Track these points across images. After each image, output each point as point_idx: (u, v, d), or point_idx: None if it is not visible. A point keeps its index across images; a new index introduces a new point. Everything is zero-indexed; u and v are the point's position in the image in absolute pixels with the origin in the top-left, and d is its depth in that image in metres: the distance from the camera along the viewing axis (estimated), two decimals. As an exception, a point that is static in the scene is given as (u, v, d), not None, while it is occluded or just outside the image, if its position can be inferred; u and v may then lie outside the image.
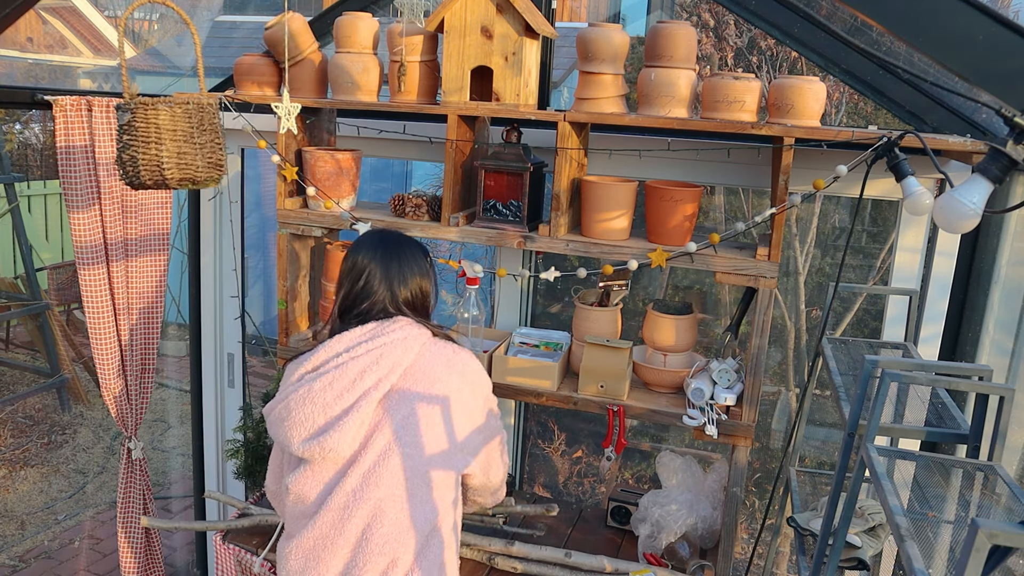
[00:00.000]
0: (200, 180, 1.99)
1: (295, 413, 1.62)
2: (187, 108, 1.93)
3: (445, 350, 1.71)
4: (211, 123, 1.99)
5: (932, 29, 1.45)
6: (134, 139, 1.90)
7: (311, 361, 1.66)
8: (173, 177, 1.94)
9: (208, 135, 1.98)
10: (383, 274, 1.73)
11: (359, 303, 1.72)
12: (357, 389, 1.59)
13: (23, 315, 5.59)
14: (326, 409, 1.59)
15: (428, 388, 1.63)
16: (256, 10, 6.13)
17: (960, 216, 1.53)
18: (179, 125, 1.92)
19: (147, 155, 1.90)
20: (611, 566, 2.12)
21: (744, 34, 4.33)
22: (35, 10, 5.82)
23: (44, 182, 7.24)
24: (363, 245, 1.78)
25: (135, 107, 1.88)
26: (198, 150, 1.96)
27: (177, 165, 1.93)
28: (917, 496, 1.34)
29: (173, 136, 1.91)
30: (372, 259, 1.74)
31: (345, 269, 1.77)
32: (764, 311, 1.96)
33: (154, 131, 1.89)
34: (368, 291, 1.72)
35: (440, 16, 2.04)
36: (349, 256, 1.77)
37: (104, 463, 4.95)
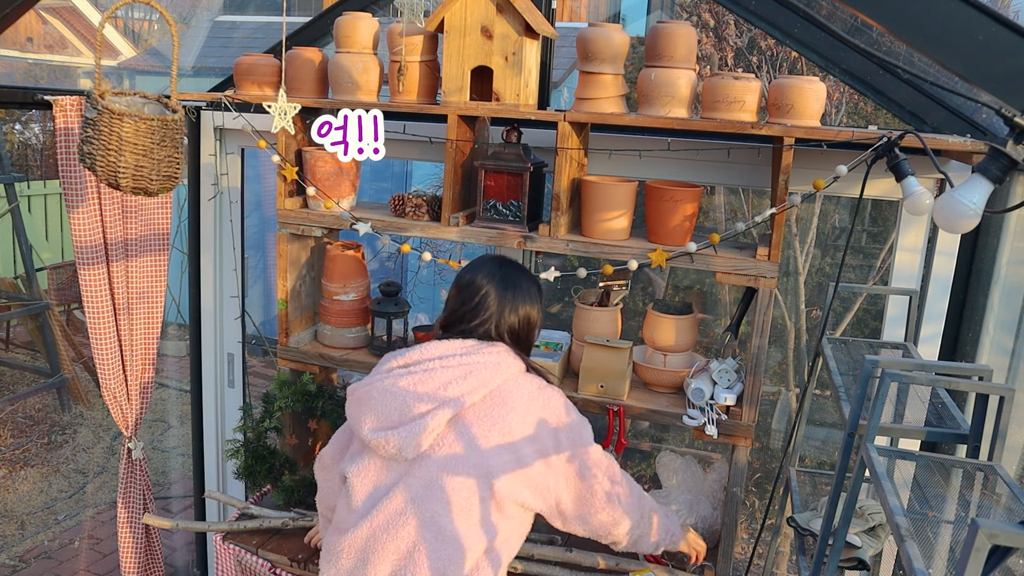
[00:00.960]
0: (153, 191, 2.05)
1: (375, 401, 1.64)
2: (151, 125, 1.97)
3: (532, 383, 1.70)
4: (172, 139, 2.04)
5: (932, 29, 1.45)
6: (96, 140, 1.95)
7: (406, 357, 1.69)
8: (127, 186, 1.99)
9: (168, 150, 2.03)
10: (498, 298, 1.76)
11: (467, 319, 1.75)
12: (438, 397, 1.60)
13: (23, 315, 5.59)
14: (404, 407, 1.61)
15: (504, 415, 1.62)
16: (256, 10, 6.13)
17: (960, 216, 1.53)
18: (141, 140, 1.97)
19: (105, 160, 1.95)
20: (611, 564, 2.11)
21: (744, 34, 4.33)
22: (35, 10, 5.83)
23: (44, 182, 7.24)
24: (484, 267, 1.81)
25: (102, 110, 1.92)
26: (155, 164, 2.01)
27: (132, 176, 1.99)
28: (917, 496, 1.34)
29: (133, 149, 1.96)
30: (491, 282, 1.78)
31: (462, 284, 1.80)
32: (764, 311, 1.96)
33: (116, 141, 1.94)
34: (478, 310, 1.75)
35: (440, 16, 2.04)
36: (468, 273, 1.81)
37: (104, 463, 4.95)
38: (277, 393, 2.38)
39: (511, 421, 1.62)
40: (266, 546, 2.22)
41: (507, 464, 1.60)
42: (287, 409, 2.35)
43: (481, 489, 1.59)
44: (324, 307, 2.46)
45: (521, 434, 1.62)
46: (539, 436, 1.65)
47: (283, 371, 2.44)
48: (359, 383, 1.73)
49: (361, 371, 2.43)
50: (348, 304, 2.42)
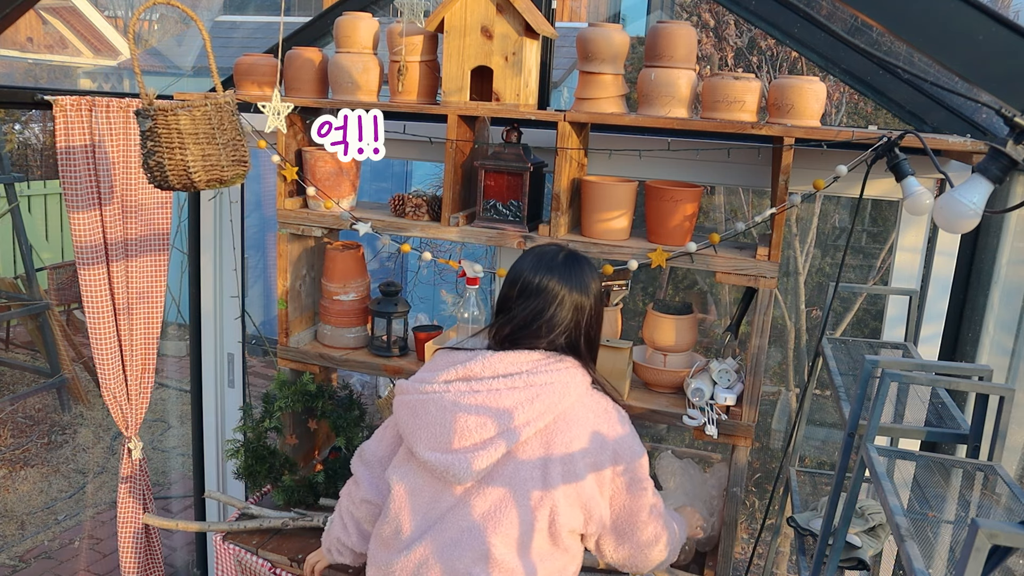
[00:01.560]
0: (227, 179, 1.98)
1: (432, 418, 1.53)
2: (206, 110, 1.92)
3: (597, 406, 1.59)
4: (230, 121, 1.98)
5: (932, 29, 1.45)
6: (158, 145, 1.89)
7: (467, 369, 1.56)
8: (201, 179, 1.93)
9: (229, 133, 1.97)
10: (573, 306, 1.60)
11: (538, 332, 1.58)
12: (502, 423, 1.49)
13: (23, 315, 5.59)
14: (465, 432, 1.50)
15: (568, 441, 1.52)
16: (256, 10, 6.13)
17: (960, 216, 1.53)
18: (200, 128, 1.92)
19: (173, 161, 1.89)
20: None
21: (744, 34, 4.33)
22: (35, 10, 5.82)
23: (44, 182, 7.24)
24: (548, 263, 1.62)
25: (155, 113, 1.88)
26: (221, 150, 1.95)
27: (204, 167, 1.92)
28: (917, 496, 1.34)
29: (196, 140, 1.91)
30: (563, 285, 1.60)
31: (527, 288, 1.61)
32: (764, 311, 1.96)
33: (176, 136, 1.89)
34: (553, 322, 1.58)
35: (440, 16, 2.04)
36: (532, 272, 1.61)
37: (104, 463, 4.95)
38: (277, 393, 2.38)
39: (573, 449, 1.52)
40: (266, 546, 2.22)
41: (568, 495, 1.51)
42: (287, 409, 2.35)
43: (538, 518, 1.51)
44: (324, 307, 2.46)
45: (583, 463, 1.53)
46: (593, 450, 1.55)
47: (283, 371, 2.44)
48: (411, 383, 1.61)
49: (361, 371, 2.43)
50: (348, 304, 2.42)
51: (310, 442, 2.55)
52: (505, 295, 1.65)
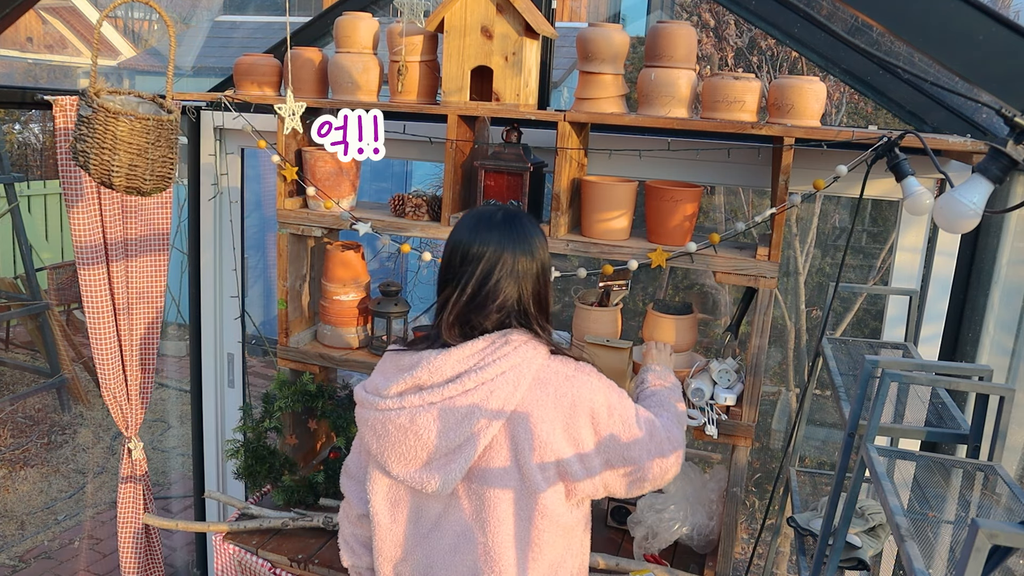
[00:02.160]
0: (145, 191, 2.03)
1: (394, 440, 1.44)
2: (146, 125, 1.95)
3: (558, 375, 1.45)
4: (168, 139, 2.02)
5: (932, 29, 1.45)
6: (91, 137, 1.93)
7: (415, 377, 1.43)
8: (120, 185, 1.98)
9: (162, 150, 2.01)
10: (512, 267, 1.42)
11: (481, 310, 1.42)
12: (464, 429, 1.40)
13: (23, 315, 5.59)
14: (431, 447, 1.41)
15: (536, 424, 1.42)
16: (256, 10, 6.13)
17: (960, 216, 1.53)
18: (136, 139, 1.95)
19: (99, 159, 1.93)
20: (611, 564, 2.11)
21: (744, 34, 4.33)
22: (35, 10, 5.83)
23: (44, 182, 7.24)
24: (483, 225, 1.45)
25: (97, 108, 1.90)
26: (149, 164, 1.99)
27: (126, 176, 1.97)
28: (917, 496, 1.34)
29: (128, 148, 1.94)
30: (501, 247, 1.42)
31: (459, 258, 1.44)
32: (764, 311, 1.96)
33: (110, 139, 1.92)
34: (495, 292, 1.41)
35: (440, 16, 2.04)
36: (466, 241, 1.44)
37: (104, 463, 4.95)
38: (277, 393, 2.38)
39: (541, 428, 1.42)
40: (266, 546, 2.22)
41: (541, 470, 1.43)
42: (287, 409, 2.35)
43: (528, 506, 1.44)
44: (324, 307, 2.46)
45: (548, 428, 1.43)
46: (563, 421, 1.44)
47: (283, 371, 2.44)
48: (368, 395, 1.50)
49: (361, 371, 2.43)
50: (348, 304, 2.42)
51: (310, 442, 2.55)
52: (446, 264, 1.47)
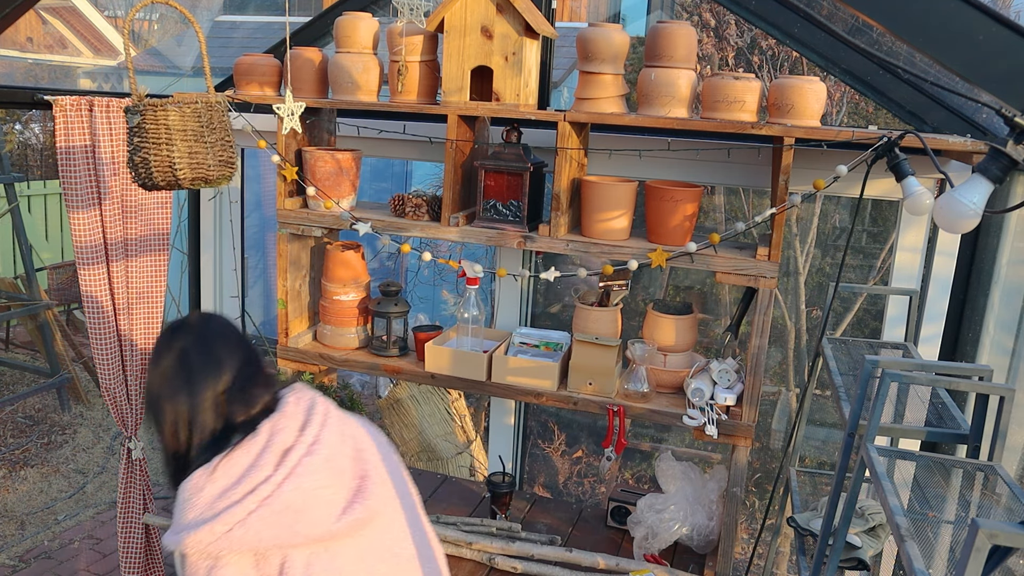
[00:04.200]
0: (212, 179, 1.97)
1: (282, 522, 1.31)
2: (196, 108, 1.92)
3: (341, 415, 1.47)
4: (220, 121, 1.97)
5: (932, 29, 1.45)
6: (145, 141, 1.88)
7: (251, 479, 1.31)
8: (186, 177, 1.92)
9: (218, 133, 1.97)
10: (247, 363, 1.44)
11: (245, 406, 1.38)
12: (338, 470, 1.37)
13: (23, 315, 5.59)
14: (314, 509, 1.33)
15: (365, 445, 1.44)
16: (256, 10, 6.13)
17: (960, 216, 1.53)
18: (189, 125, 1.91)
19: (159, 157, 1.89)
20: (611, 564, 2.11)
21: (745, 34, 4.33)
22: (35, 10, 5.83)
23: (44, 182, 7.24)
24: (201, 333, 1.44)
25: (144, 109, 1.88)
26: (209, 149, 1.94)
27: (189, 165, 1.92)
28: (917, 496, 1.34)
29: (184, 136, 1.90)
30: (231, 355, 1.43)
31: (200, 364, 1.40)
32: (764, 311, 1.96)
33: (164, 132, 1.88)
34: (253, 393, 1.40)
35: (440, 16, 2.04)
36: (188, 353, 1.40)
37: (104, 463, 4.95)
38: (277, 393, 2.38)
39: (368, 446, 1.43)
40: (266, 546, 2.22)
41: (387, 471, 1.45)
42: (287, 409, 2.35)
43: (413, 507, 1.48)
44: (324, 307, 2.46)
45: (371, 442, 1.45)
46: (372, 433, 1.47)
47: (283, 371, 2.44)
48: (210, 535, 1.31)
49: (361, 371, 2.43)
50: (348, 304, 2.42)
51: (310, 442, 2.55)
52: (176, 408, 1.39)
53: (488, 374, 2.24)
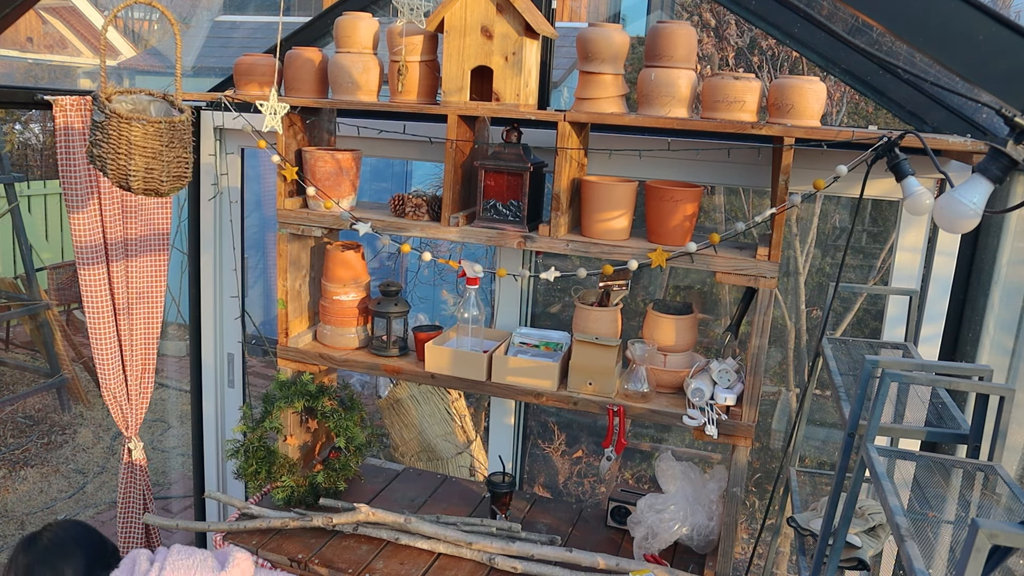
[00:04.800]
0: (163, 192, 2.06)
1: None
2: (159, 128, 1.98)
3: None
4: (181, 139, 2.05)
5: (932, 29, 1.45)
6: (106, 143, 1.96)
7: None
8: (138, 188, 2.00)
9: (176, 151, 2.04)
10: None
11: None
12: None
13: (23, 315, 5.59)
14: None
15: None
16: (256, 10, 6.13)
17: (960, 216, 1.53)
18: (150, 143, 1.97)
19: (116, 163, 1.97)
20: (611, 564, 2.11)
21: (745, 34, 4.33)
22: (35, 10, 5.83)
23: (44, 182, 7.24)
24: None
25: (110, 114, 1.92)
26: (165, 166, 2.02)
27: (144, 179, 2.00)
28: (917, 496, 1.34)
29: (143, 152, 1.97)
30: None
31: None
32: (764, 311, 1.96)
33: (125, 145, 1.95)
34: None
35: (440, 16, 2.04)
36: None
37: (104, 463, 4.95)
38: (277, 393, 2.38)
39: None
40: (266, 546, 2.22)
41: None
42: (287, 409, 2.35)
43: None
44: (324, 307, 2.46)
45: None
46: None
47: (283, 371, 2.44)
48: None
49: (361, 371, 2.43)
50: (348, 304, 2.42)
51: (310, 442, 2.55)
52: None
53: (488, 374, 2.24)
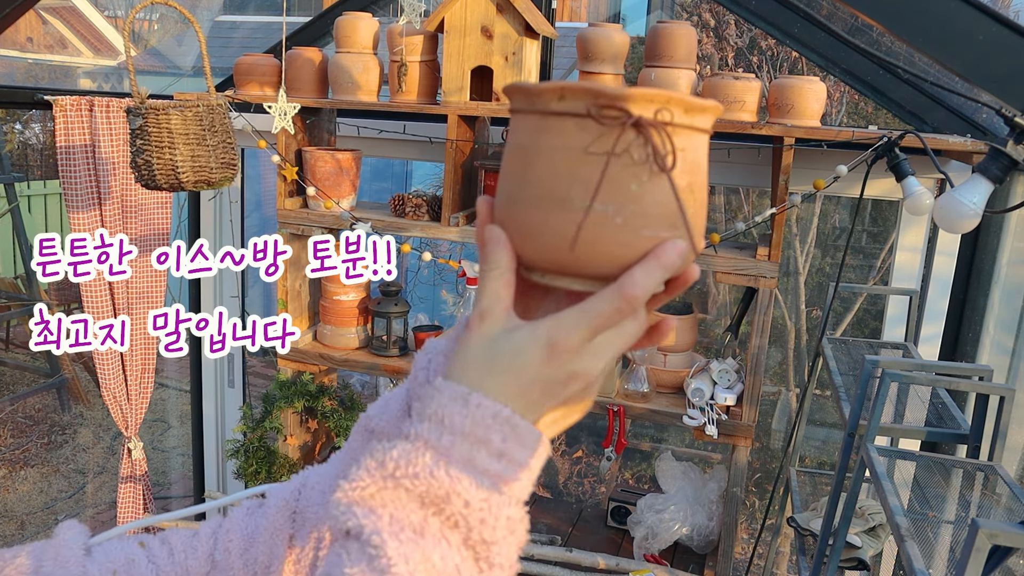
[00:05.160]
0: (215, 181, 1.99)
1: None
2: (197, 111, 1.93)
3: None
4: (222, 124, 1.99)
5: (932, 29, 1.45)
6: (147, 144, 1.90)
7: None
8: (188, 180, 1.94)
9: (220, 136, 1.98)
10: None
11: None
12: None
13: (23, 315, 5.59)
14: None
15: None
16: (256, 10, 6.13)
17: (960, 216, 1.53)
18: (191, 128, 1.92)
19: (161, 160, 1.90)
20: (611, 564, 2.11)
21: (744, 34, 4.33)
22: (35, 10, 5.82)
23: (44, 182, 7.24)
24: None
25: (146, 112, 1.89)
26: (211, 152, 1.96)
27: (192, 168, 1.93)
28: (917, 496, 1.34)
29: (186, 140, 1.92)
30: None
31: None
32: (764, 311, 1.96)
33: (167, 136, 1.90)
34: None
35: (440, 16, 2.04)
36: None
37: (104, 463, 4.95)
38: (277, 393, 2.38)
39: None
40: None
41: None
42: (287, 409, 2.35)
43: None
44: (324, 307, 2.46)
45: None
46: None
47: (283, 371, 2.44)
48: None
49: (361, 371, 2.43)
50: (348, 304, 2.42)
51: (310, 442, 2.55)
52: None
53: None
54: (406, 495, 0.53)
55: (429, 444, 0.54)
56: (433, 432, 0.54)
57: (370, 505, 0.54)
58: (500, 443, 0.54)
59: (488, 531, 0.53)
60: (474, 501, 0.53)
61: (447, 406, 0.55)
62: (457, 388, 0.56)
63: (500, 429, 0.55)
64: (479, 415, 0.54)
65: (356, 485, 0.54)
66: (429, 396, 0.56)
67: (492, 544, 0.53)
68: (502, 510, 0.53)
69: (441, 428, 0.54)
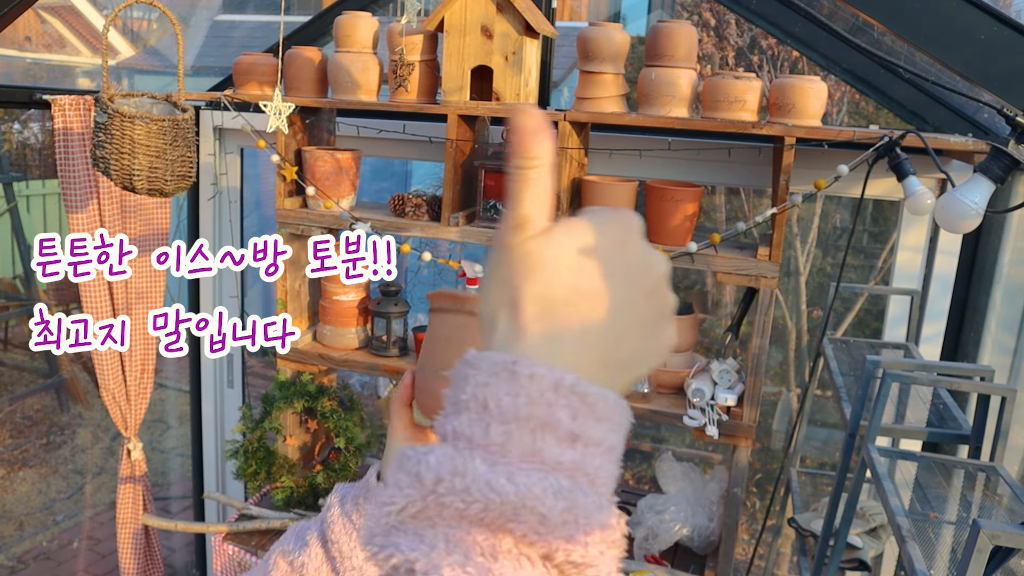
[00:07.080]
0: (168, 191, 2.04)
1: None
2: (163, 126, 1.96)
3: None
4: (184, 138, 2.04)
5: (933, 28, 1.44)
6: (109, 144, 1.95)
7: None
8: (142, 188, 1.99)
9: (180, 150, 2.03)
10: None
11: None
12: None
13: (22, 315, 5.58)
14: None
15: None
16: (256, 10, 6.12)
17: (962, 216, 1.53)
18: (153, 142, 1.96)
19: (119, 164, 1.95)
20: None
21: (745, 33, 4.32)
22: (34, 9, 5.82)
23: (43, 182, 7.23)
24: None
25: (113, 114, 1.91)
26: (168, 165, 2.00)
27: (148, 178, 1.99)
28: (919, 497, 1.34)
29: (147, 151, 1.96)
30: None
31: None
32: (765, 311, 1.96)
33: (128, 144, 1.93)
34: None
35: (440, 15, 2.03)
36: None
37: (103, 464, 4.94)
38: (277, 393, 2.37)
39: None
40: (266, 547, 2.21)
41: None
42: (287, 409, 2.35)
43: None
44: (324, 307, 2.45)
45: None
46: None
47: (283, 371, 2.43)
48: None
49: (361, 371, 2.42)
50: (348, 304, 2.42)
51: (310, 442, 2.55)
52: None
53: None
54: (457, 516, 0.39)
55: (475, 443, 0.40)
56: (477, 425, 0.40)
57: (415, 529, 0.40)
58: (570, 422, 0.40)
59: (578, 552, 0.39)
60: (552, 515, 0.39)
61: (489, 385, 0.40)
62: (499, 356, 0.41)
63: (567, 403, 0.40)
64: (534, 390, 0.40)
65: (389, 510, 0.40)
66: (460, 376, 0.42)
67: (586, 567, 0.39)
68: (592, 517, 0.39)
69: (487, 417, 0.40)
